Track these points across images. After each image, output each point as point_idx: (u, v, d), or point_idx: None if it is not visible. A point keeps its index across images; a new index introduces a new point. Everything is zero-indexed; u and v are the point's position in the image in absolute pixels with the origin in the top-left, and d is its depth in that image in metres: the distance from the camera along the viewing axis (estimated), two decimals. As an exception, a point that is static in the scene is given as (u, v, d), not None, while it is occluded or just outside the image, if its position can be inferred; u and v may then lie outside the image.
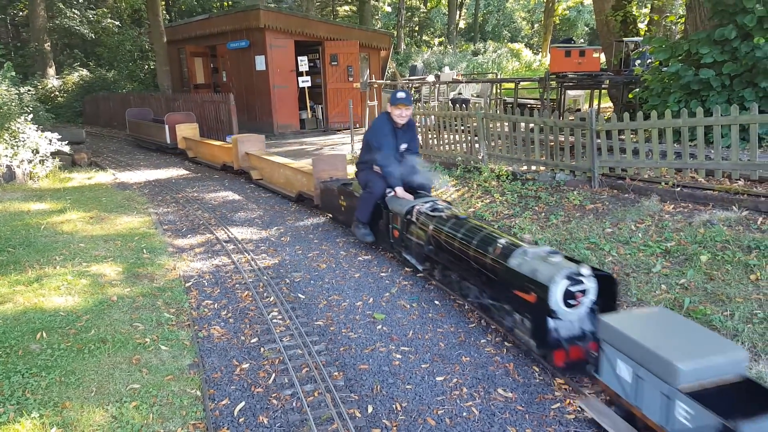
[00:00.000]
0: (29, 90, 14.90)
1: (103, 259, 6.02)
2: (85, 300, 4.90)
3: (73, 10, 28.42)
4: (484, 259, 4.06)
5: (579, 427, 3.15)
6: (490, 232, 4.31)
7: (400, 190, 5.58)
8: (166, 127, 13.82)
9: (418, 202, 5.26)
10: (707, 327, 4.01)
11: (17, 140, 10.49)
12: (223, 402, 3.49)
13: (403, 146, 5.85)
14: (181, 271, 5.84)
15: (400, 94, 5.69)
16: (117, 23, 29.59)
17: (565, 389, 3.50)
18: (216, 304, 4.99)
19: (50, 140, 11.14)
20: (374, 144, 5.76)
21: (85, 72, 27.37)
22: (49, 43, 26.42)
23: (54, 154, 11.54)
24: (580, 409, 3.21)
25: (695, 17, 8.88)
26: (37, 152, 10.88)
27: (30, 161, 10.73)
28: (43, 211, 8.23)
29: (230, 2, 33.96)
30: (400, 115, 5.64)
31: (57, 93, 26.01)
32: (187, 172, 12.22)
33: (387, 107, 5.77)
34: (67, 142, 12.10)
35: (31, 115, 11.51)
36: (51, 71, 26.46)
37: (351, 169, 9.05)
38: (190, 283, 5.51)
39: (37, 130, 11.02)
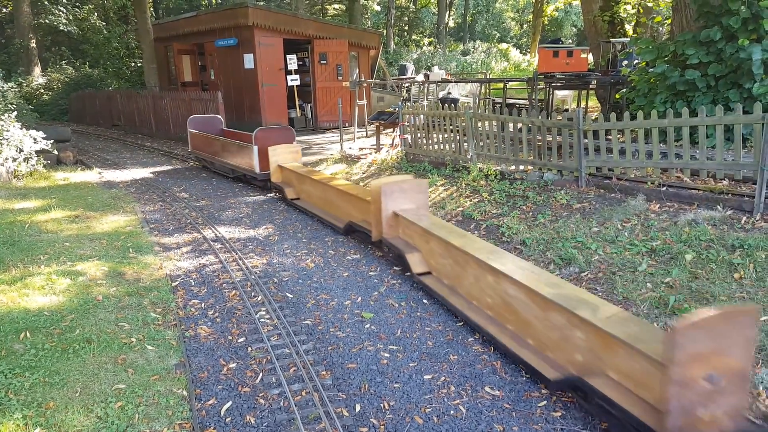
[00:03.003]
0: (13, 87, 14.65)
1: (88, 258, 5.96)
2: (69, 299, 4.84)
3: (59, 7, 28.09)
4: None
5: (565, 424, 3.17)
6: None
7: None
8: (255, 148, 9.34)
9: None
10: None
11: (1, 138, 10.35)
12: (210, 402, 3.47)
13: None
14: (168, 270, 5.79)
15: None
16: (103, 23, 29.30)
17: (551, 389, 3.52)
18: (203, 304, 4.96)
19: (35, 138, 11.01)
20: None
21: (71, 69, 27.08)
22: (34, 41, 26.10)
23: (39, 153, 11.40)
24: None
25: (681, 18, 8.96)
26: (22, 150, 10.74)
27: (14, 159, 10.59)
28: (28, 209, 8.12)
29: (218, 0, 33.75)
30: None
31: (42, 90, 25.71)
32: (175, 170, 12.12)
33: None
34: (52, 140, 11.96)
35: (15, 113, 11.36)
36: (36, 69, 26.14)
37: (335, 169, 8.92)
38: (177, 282, 5.47)
39: (21, 128, 10.88)
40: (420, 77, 20.47)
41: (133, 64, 28.21)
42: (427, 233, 5.23)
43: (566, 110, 15.53)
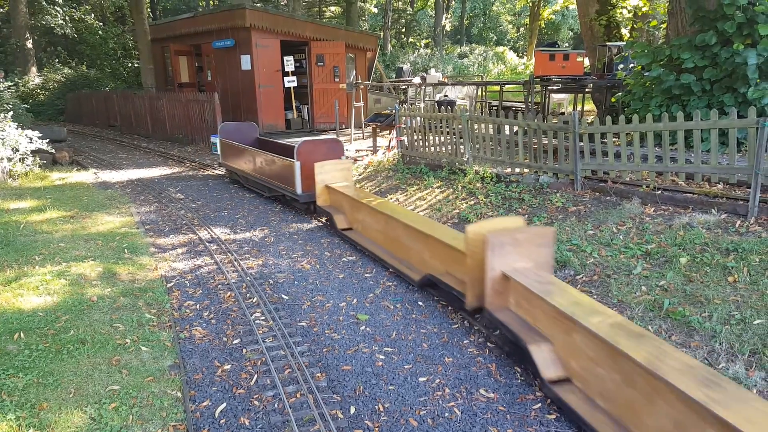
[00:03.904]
0: (9, 87, 14.60)
1: (83, 258, 5.94)
2: (64, 300, 4.83)
3: (56, 7, 28.03)
4: None
5: (560, 427, 3.18)
6: None
7: None
8: (297, 165, 7.71)
9: None
10: (685, 328, 4.07)
11: (-4, 138, 10.31)
12: (204, 403, 3.46)
13: None
14: (163, 271, 5.78)
15: None
16: (100, 23, 29.26)
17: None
18: (198, 305, 4.95)
19: (31, 138, 10.97)
20: None
21: (67, 70, 27.03)
22: (30, 41, 26.04)
23: (34, 153, 11.36)
24: None
25: (677, 23, 9.01)
26: (17, 150, 10.70)
27: (10, 159, 10.56)
28: (23, 209, 8.09)
29: (216, 1, 33.75)
30: None
31: (39, 91, 25.65)
32: (171, 171, 12.10)
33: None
34: (47, 140, 11.92)
35: (10, 113, 11.32)
36: (33, 69, 26.08)
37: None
38: (172, 283, 5.46)
39: (17, 128, 10.85)
40: (417, 79, 20.50)
41: (129, 64, 28.18)
42: (566, 319, 3.35)
43: (562, 113, 15.58)
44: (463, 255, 4.34)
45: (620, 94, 10.29)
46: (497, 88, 16.39)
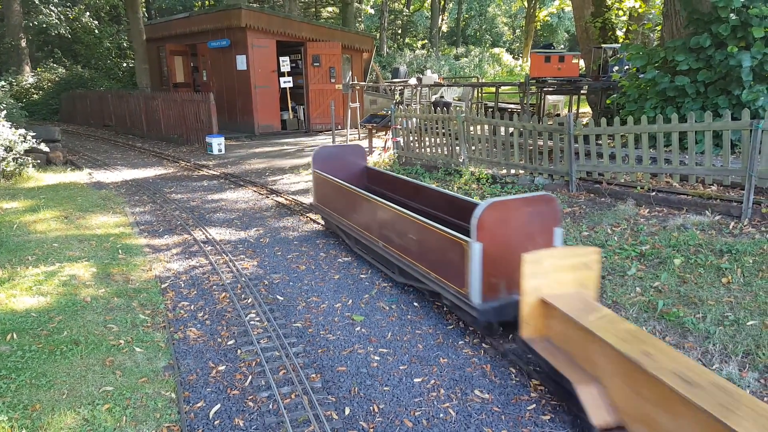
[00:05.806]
0: (3, 86, 14.50)
1: (77, 259, 5.91)
2: (57, 301, 4.80)
3: (50, 7, 27.92)
4: None
5: (554, 427, 3.18)
6: None
7: None
8: (475, 248, 3.81)
9: None
10: (679, 329, 4.09)
11: (-10, 137, 10.24)
12: (199, 404, 3.45)
13: None
14: (157, 271, 5.76)
15: None
16: (95, 22, 29.17)
17: (541, 390, 3.53)
18: (192, 306, 4.93)
19: (24, 137, 10.90)
20: None
21: (61, 69, 26.92)
22: (24, 40, 25.93)
23: (28, 152, 11.29)
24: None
25: (671, 25, 9.05)
26: (11, 150, 10.64)
27: (3, 159, 10.49)
28: (16, 209, 8.05)
29: (211, 1, 33.69)
30: None
31: (33, 90, 25.53)
32: (166, 171, 12.06)
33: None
34: (41, 139, 11.85)
35: (4, 112, 11.26)
36: (27, 68, 25.96)
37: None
38: (167, 284, 5.44)
39: (10, 128, 10.78)
40: (413, 80, 20.52)
41: (125, 64, 28.09)
42: None
43: (557, 115, 15.63)
44: None
45: (615, 95, 10.33)
46: (493, 89, 16.42)
